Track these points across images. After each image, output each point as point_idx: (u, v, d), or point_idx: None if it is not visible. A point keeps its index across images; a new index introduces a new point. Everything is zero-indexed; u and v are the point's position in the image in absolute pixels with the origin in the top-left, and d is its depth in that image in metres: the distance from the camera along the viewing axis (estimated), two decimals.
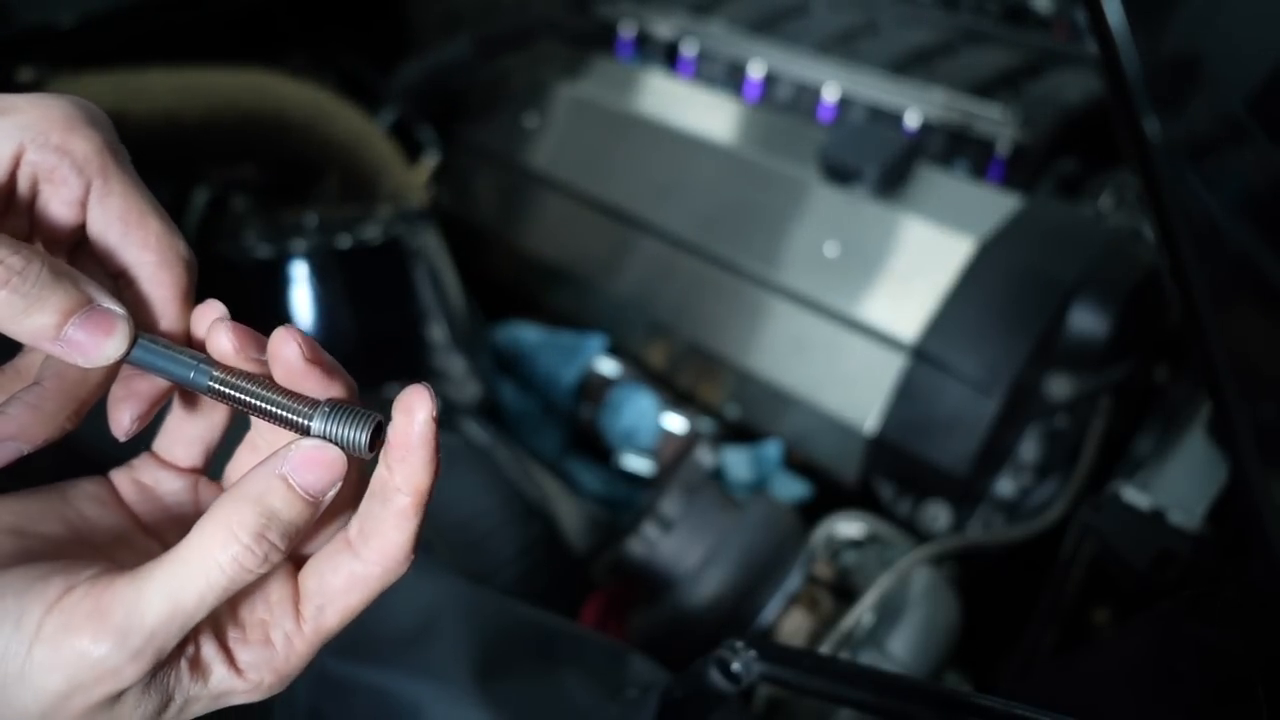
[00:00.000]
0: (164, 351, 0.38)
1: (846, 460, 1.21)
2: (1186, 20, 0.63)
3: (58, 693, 0.33)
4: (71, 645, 0.33)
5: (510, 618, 0.73)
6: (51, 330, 0.35)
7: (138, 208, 0.39)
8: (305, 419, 0.37)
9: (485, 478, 1.19)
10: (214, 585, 0.34)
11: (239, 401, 0.38)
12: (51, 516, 0.39)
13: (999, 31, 1.71)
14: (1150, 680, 0.88)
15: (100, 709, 0.34)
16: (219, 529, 0.34)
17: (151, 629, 0.33)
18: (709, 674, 0.55)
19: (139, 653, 0.33)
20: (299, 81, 1.41)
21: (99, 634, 0.33)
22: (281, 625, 0.39)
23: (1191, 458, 1.08)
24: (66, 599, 0.33)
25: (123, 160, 0.40)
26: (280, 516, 0.35)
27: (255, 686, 0.38)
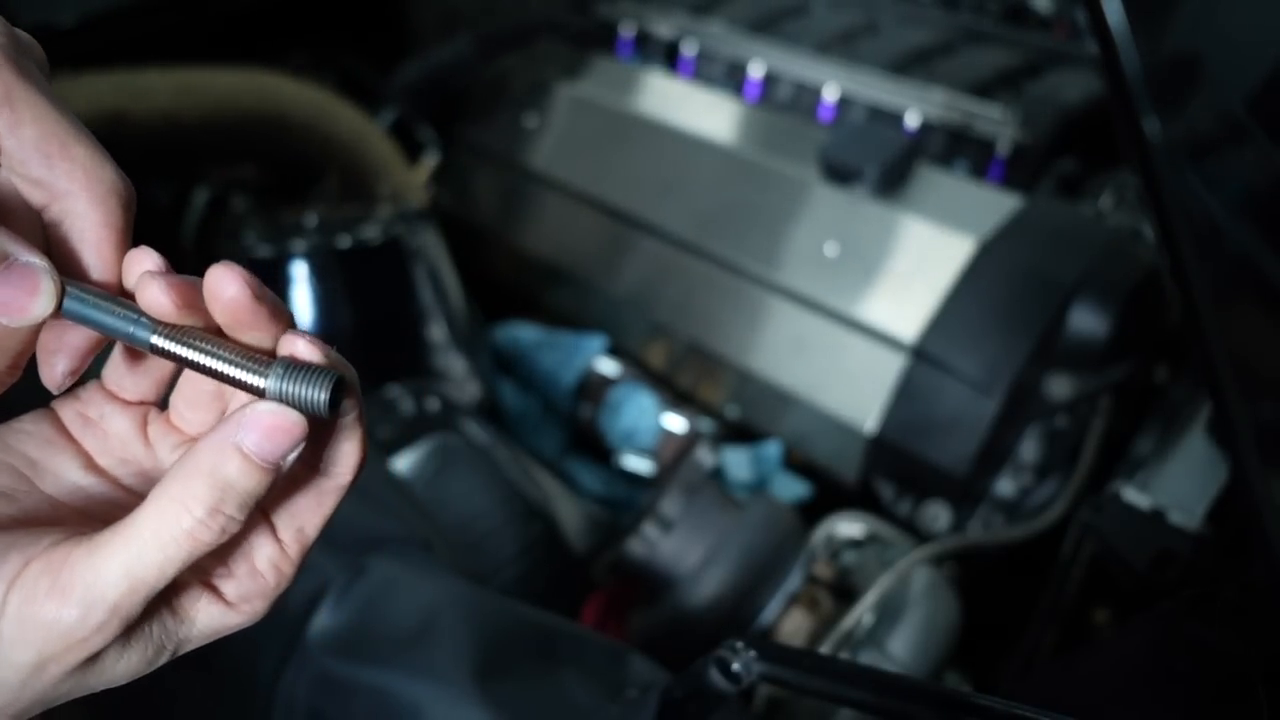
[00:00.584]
0: (99, 304, 0.35)
1: (846, 460, 1.21)
2: (1186, 20, 0.63)
3: (31, 664, 0.33)
4: (35, 619, 0.33)
5: (510, 618, 0.73)
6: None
7: (57, 136, 0.35)
8: (259, 378, 0.34)
9: (485, 478, 1.19)
10: (171, 559, 0.33)
11: (183, 359, 0.35)
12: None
13: (999, 31, 1.71)
14: (1150, 680, 0.88)
15: (79, 671, 0.34)
16: (172, 504, 0.33)
17: (113, 602, 0.33)
18: (709, 674, 0.55)
19: (104, 624, 0.33)
20: (299, 81, 1.41)
21: (61, 607, 0.32)
22: (264, 553, 0.37)
23: (1191, 458, 1.08)
24: (25, 573, 0.33)
25: (31, 79, 0.35)
26: (236, 487, 0.33)
27: (250, 614, 0.38)
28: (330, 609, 0.70)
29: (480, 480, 1.19)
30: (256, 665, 0.70)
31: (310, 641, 0.69)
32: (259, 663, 0.70)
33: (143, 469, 0.41)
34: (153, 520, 0.33)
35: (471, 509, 1.15)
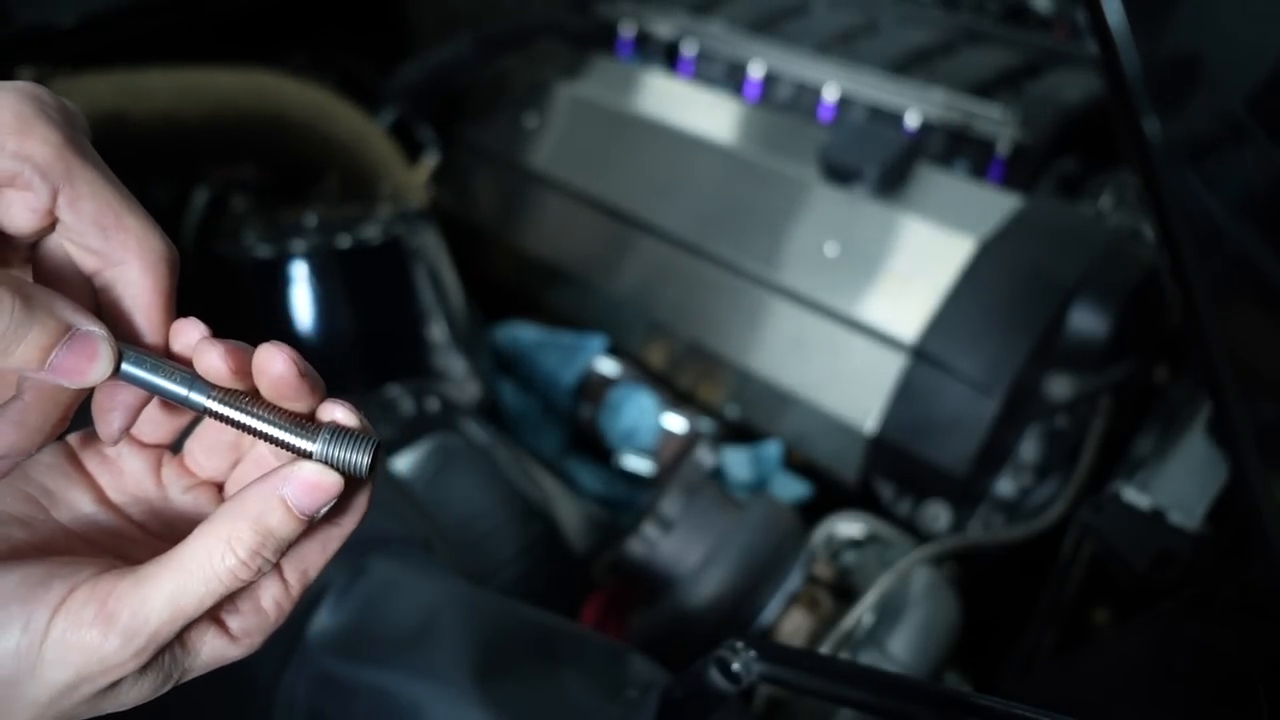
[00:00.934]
0: (154, 366, 0.38)
1: (846, 460, 1.21)
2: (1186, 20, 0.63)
3: (67, 684, 0.36)
4: (82, 644, 0.35)
5: (510, 618, 0.73)
6: (35, 363, 0.35)
7: (112, 209, 0.38)
8: (308, 442, 0.38)
9: (485, 478, 1.19)
10: (212, 592, 0.37)
11: (236, 422, 0.38)
12: (11, 492, 0.40)
13: (999, 31, 1.71)
14: (1150, 680, 0.88)
15: (101, 695, 0.37)
16: (219, 544, 0.37)
17: (155, 629, 0.36)
18: (709, 674, 0.55)
19: (142, 650, 0.36)
20: (299, 81, 1.41)
21: (107, 633, 0.35)
22: (270, 592, 0.41)
23: (1191, 458, 1.08)
24: (70, 601, 0.36)
25: (88, 156, 0.38)
26: (276, 535, 0.37)
27: (249, 647, 0.41)
28: (330, 609, 0.70)
29: (480, 480, 1.19)
30: (256, 665, 0.70)
31: (310, 641, 0.69)
32: (259, 663, 0.70)
33: (153, 507, 0.44)
34: (200, 557, 0.37)
35: (471, 509, 1.15)
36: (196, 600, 0.36)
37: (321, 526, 0.41)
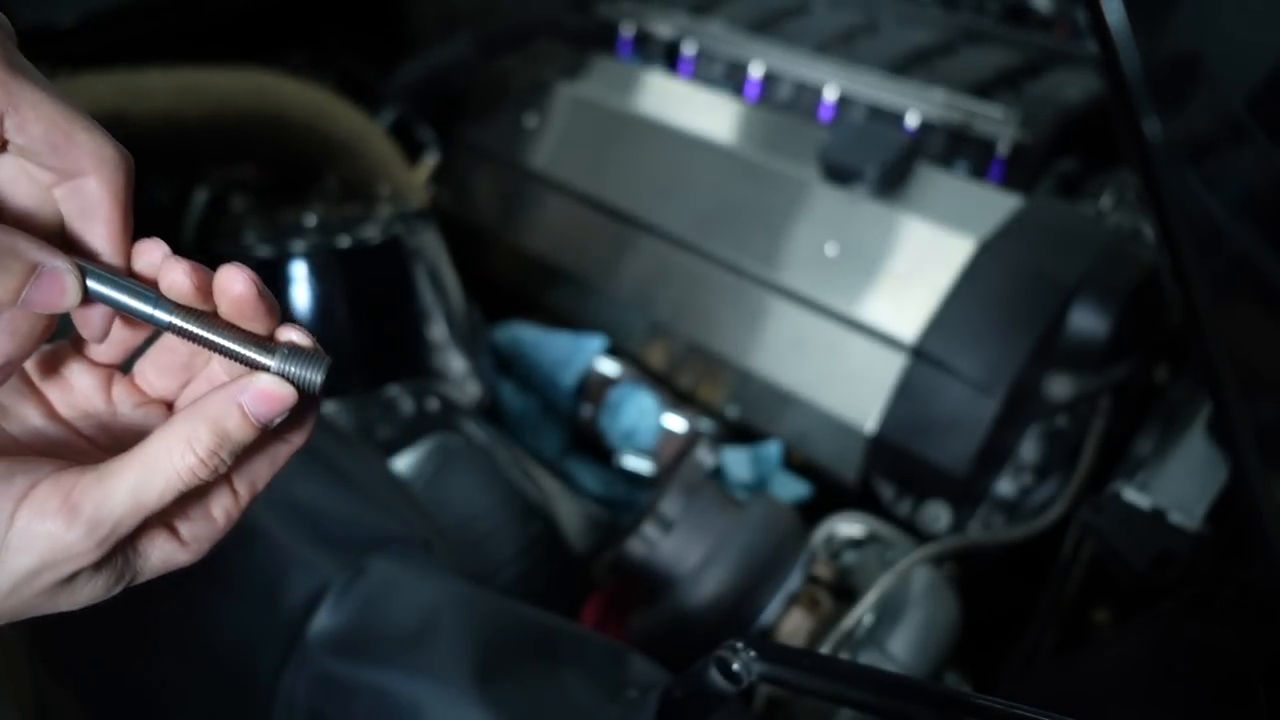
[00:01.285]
0: (121, 286, 0.40)
1: (846, 460, 1.21)
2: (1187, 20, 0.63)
3: (29, 571, 0.39)
4: (46, 533, 0.38)
5: (510, 618, 0.73)
6: (10, 300, 0.38)
7: (61, 126, 0.39)
8: (265, 358, 0.41)
9: (485, 478, 1.19)
10: (171, 487, 0.39)
11: (198, 338, 0.41)
12: None
13: (999, 31, 1.71)
14: (1150, 680, 0.88)
15: (60, 586, 0.40)
16: (179, 443, 0.39)
17: (117, 520, 0.39)
18: (709, 674, 0.55)
19: (104, 540, 0.39)
20: (299, 81, 1.41)
21: (71, 524, 0.38)
22: (220, 501, 0.44)
23: (1191, 458, 1.08)
24: (34, 494, 0.38)
25: (27, 74, 0.38)
26: (232, 438, 0.40)
27: (196, 553, 0.44)
28: (330, 609, 0.70)
29: (480, 480, 1.19)
30: (256, 665, 0.70)
31: (310, 641, 0.69)
32: (259, 663, 0.70)
33: (102, 423, 0.45)
34: (161, 454, 0.39)
35: (471, 509, 1.15)
36: (157, 494, 0.39)
37: (271, 441, 0.43)
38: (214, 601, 0.78)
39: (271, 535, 0.75)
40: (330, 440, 0.93)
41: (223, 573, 0.78)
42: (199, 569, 0.80)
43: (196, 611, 0.80)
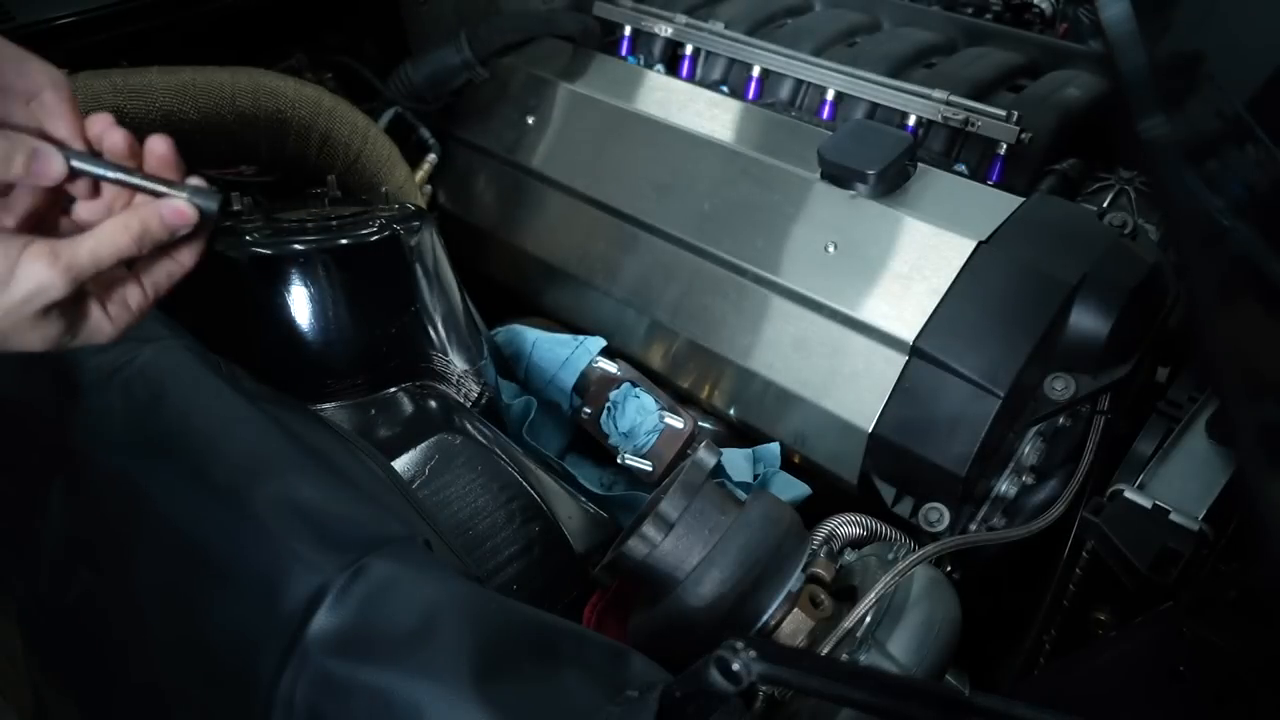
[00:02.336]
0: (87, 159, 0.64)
1: (847, 460, 1.21)
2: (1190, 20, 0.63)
3: (24, 295, 0.60)
4: (37, 269, 0.60)
5: (510, 618, 0.73)
6: (22, 173, 0.62)
7: (14, 60, 0.63)
8: (179, 191, 0.66)
9: (485, 478, 1.19)
10: (113, 252, 0.63)
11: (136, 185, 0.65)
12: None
13: (999, 31, 1.71)
14: (1150, 680, 0.88)
15: (38, 317, 0.62)
16: (120, 225, 0.63)
17: (80, 266, 0.61)
18: (709, 674, 0.55)
19: (70, 280, 0.61)
20: (299, 81, 1.41)
21: (53, 264, 0.60)
22: (135, 295, 0.67)
23: (1191, 458, 1.08)
24: (32, 246, 0.60)
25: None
26: (152, 232, 0.64)
27: (117, 330, 0.67)
28: (330, 609, 0.70)
29: (480, 480, 1.18)
30: (256, 665, 0.70)
31: (310, 641, 0.69)
32: (259, 663, 0.70)
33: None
34: (108, 230, 0.63)
35: (471, 509, 1.15)
36: (106, 254, 0.62)
37: (170, 256, 0.68)
38: (213, 601, 0.78)
39: (271, 535, 0.75)
40: (330, 440, 0.93)
41: (222, 572, 0.78)
42: (199, 569, 0.80)
43: (196, 611, 0.80)
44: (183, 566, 0.81)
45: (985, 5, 1.93)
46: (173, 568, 0.82)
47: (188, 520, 0.80)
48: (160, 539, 0.82)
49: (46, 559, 0.91)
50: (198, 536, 0.80)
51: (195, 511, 0.80)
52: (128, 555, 0.84)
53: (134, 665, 0.87)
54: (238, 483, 0.80)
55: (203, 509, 0.80)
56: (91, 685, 0.93)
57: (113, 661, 0.89)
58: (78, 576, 0.89)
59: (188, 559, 0.81)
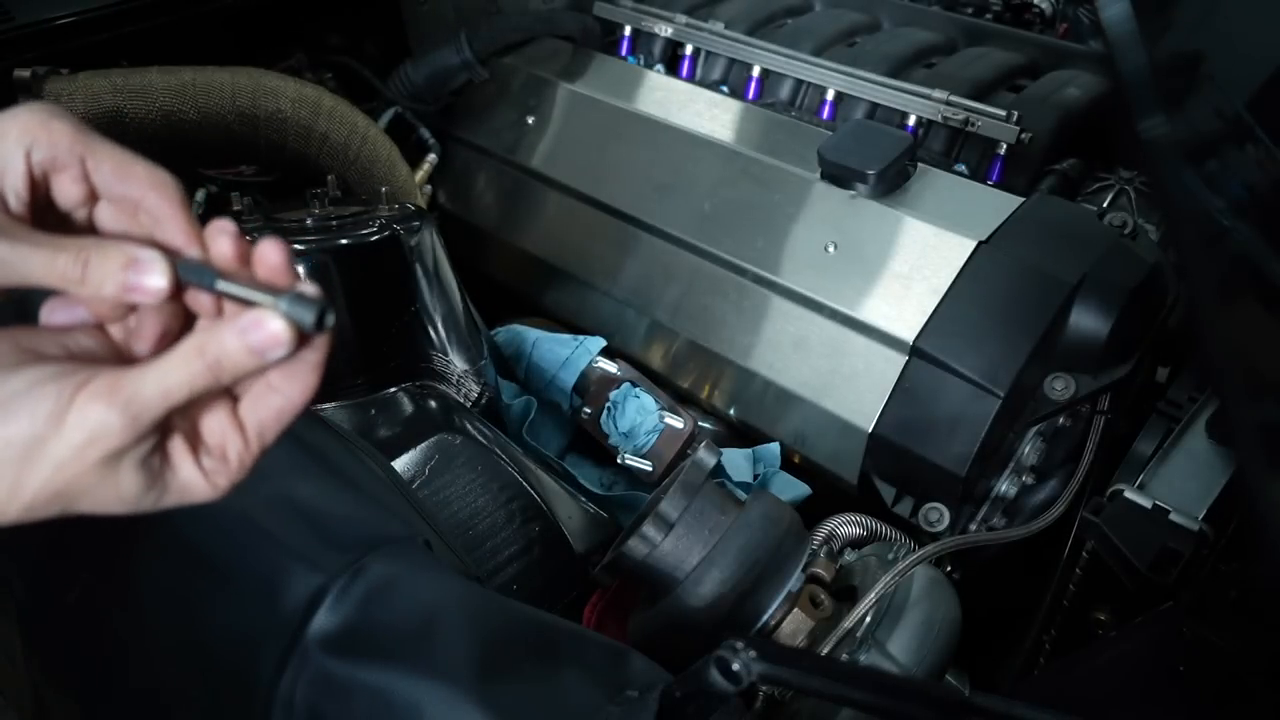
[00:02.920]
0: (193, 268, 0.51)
1: (847, 460, 1.21)
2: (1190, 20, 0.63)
3: (80, 443, 0.47)
4: (95, 411, 0.47)
5: (510, 618, 0.73)
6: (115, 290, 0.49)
7: (123, 162, 0.53)
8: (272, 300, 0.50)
9: (485, 478, 1.19)
10: (185, 386, 0.48)
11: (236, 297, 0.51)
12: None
13: (1000, 31, 1.71)
14: (1150, 680, 0.88)
15: (105, 467, 0.49)
16: (192, 350, 0.49)
17: (145, 401, 0.48)
18: (709, 674, 0.55)
19: (136, 419, 0.48)
20: (299, 81, 1.41)
21: (111, 403, 0.47)
22: (234, 445, 0.52)
23: (1191, 458, 1.08)
24: (89, 384, 0.48)
25: (93, 133, 0.53)
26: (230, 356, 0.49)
27: (214, 487, 0.53)
28: (330, 609, 0.70)
29: (480, 480, 1.18)
30: (256, 665, 0.70)
31: (310, 641, 0.69)
32: (258, 663, 0.70)
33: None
34: (178, 359, 0.49)
35: (471, 509, 1.15)
36: (178, 387, 0.48)
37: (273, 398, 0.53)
38: (213, 601, 0.78)
39: (271, 535, 0.75)
40: (330, 440, 0.93)
41: (222, 573, 0.78)
42: (199, 568, 0.80)
43: (196, 611, 0.80)
44: (183, 566, 0.81)
45: (985, 5, 1.93)
46: (173, 567, 0.82)
47: (188, 520, 0.80)
48: (160, 539, 0.82)
49: (47, 559, 0.91)
50: (198, 536, 0.80)
51: (195, 511, 0.80)
52: (128, 555, 0.84)
53: (134, 665, 0.87)
54: None
55: (203, 509, 0.80)
56: (92, 685, 0.93)
57: (113, 661, 0.89)
58: (78, 577, 0.89)
59: (188, 559, 0.81)
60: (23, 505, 0.49)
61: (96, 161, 0.52)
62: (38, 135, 0.51)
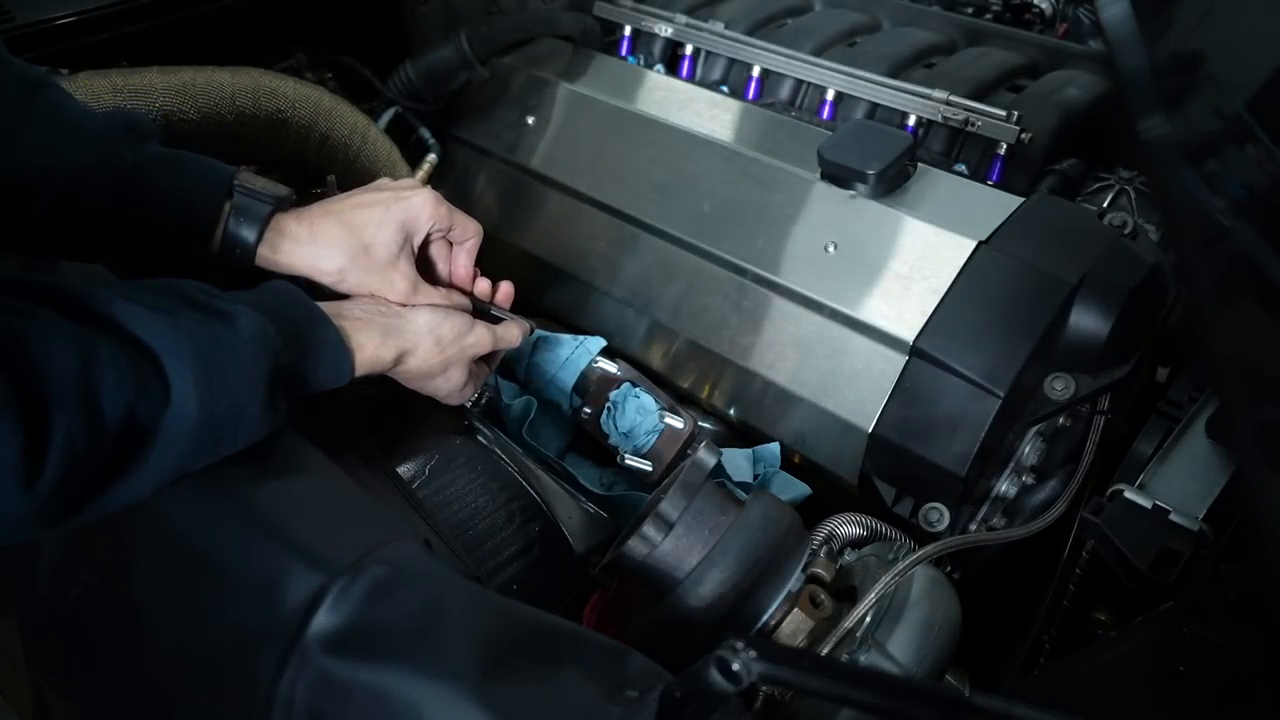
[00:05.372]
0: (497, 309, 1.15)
1: (847, 460, 1.21)
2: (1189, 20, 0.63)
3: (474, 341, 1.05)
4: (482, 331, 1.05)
5: (510, 618, 0.73)
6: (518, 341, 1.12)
7: (461, 218, 1.07)
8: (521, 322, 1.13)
9: (485, 478, 1.19)
10: (509, 342, 1.10)
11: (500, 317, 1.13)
12: None
13: (1000, 31, 1.71)
14: (1150, 680, 0.88)
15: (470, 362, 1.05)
16: (517, 330, 1.12)
17: (501, 340, 1.08)
18: (709, 674, 0.55)
19: (493, 344, 1.07)
20: (299, 81, 1.41)
21: (489, 333, 1.05)
22: (477, 381, 1.07)
23: (1191, 458, 1.08)
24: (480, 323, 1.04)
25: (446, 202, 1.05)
26: (516, 339, 1.12)
27: (469, 395, 1.08)
28: (330, 609, 0.70)
29: (480, 480, 1.19)
30: (257, 665, 0.70)
31: (310, 641, 0.69)
32: (259, 663, 0.70)
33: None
34: (511, 330, 1.12)
35: (471, 509, 1.15)
36: (506, 340, 1.09)
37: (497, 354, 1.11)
38: (213, 601, 0.78)
39: (272, 535, 0.75)
40: (330, 440, 0.93)
41: (222, 573, 0.78)
42: (199, 569, 0.80)
43: (196, 611, 0.80)
44: (183, 566, 0.81)
45: (985, 5, 1.93)
46: (173, 568, 0.82)
47: (188, 520, 0.80)
48: (160, 539, 0.82)
49: (47, 559, 0.91)
50: (198, 536, 0.80)
51: (195, 511, 0.80)
52: (128, 555, 0.84)
53: (134, 665, 0.87)
54: (238, 483, 0.80)
55: (202, 509, 0.80)
56: (92, 685, 0.93)
57: (113, 662, 0.89)
58: (78, 577, 0.89)
59: (188, 559, 0.81)
60: (443, 360, 0.98)
61: (453, 218, 1.05)
62: (439, 208, 1.02)
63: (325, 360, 0.87)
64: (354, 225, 0.98)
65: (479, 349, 1.02)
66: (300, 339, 0.84)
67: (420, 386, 1.01)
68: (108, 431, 0.68)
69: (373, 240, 0.97)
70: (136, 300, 0.72)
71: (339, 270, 0.97)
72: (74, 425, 0.65)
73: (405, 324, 0.96)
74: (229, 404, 0.74)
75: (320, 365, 0.86)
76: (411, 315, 0.97)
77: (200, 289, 0.79)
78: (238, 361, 0.75)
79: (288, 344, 0.81)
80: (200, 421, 0.72)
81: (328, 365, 0.87)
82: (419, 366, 0.96)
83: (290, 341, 0.82)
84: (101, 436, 0.67)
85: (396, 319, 0.95)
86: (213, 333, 0.74)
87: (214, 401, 0.73)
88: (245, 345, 0.76)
